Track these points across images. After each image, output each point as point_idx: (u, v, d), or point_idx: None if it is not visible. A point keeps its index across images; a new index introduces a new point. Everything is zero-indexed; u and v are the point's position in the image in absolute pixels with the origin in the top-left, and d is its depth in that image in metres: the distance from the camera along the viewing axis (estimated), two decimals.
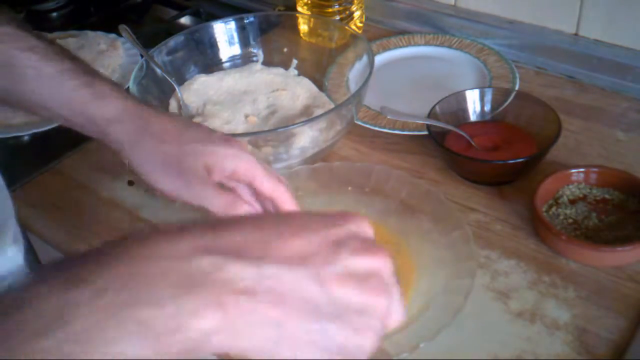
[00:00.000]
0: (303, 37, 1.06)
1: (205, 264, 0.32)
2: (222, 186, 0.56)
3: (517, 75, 0.89)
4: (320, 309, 0.33)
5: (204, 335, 0.31)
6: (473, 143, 0.75)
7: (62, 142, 0.89)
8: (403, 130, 0.81)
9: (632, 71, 0.86)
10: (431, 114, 0.77)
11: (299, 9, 1.03)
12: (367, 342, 0.34)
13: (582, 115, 0.84)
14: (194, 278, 0.31)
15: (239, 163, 0.55)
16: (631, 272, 0.63)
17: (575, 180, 0.70)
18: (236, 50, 0.94)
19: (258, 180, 0.55)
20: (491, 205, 0.72)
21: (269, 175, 0.56)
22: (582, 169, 0.70)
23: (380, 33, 1.05)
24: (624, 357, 0.55)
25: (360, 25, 1.05)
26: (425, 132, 0.76)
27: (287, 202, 0.56)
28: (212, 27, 0.93)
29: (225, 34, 0.93)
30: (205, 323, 0.31)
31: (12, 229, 0.70)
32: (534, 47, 0.93)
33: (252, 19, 0.93)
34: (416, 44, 1.00)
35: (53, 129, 0.90)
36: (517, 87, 0.86)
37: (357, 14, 1.03)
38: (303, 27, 0.99)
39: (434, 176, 0.77)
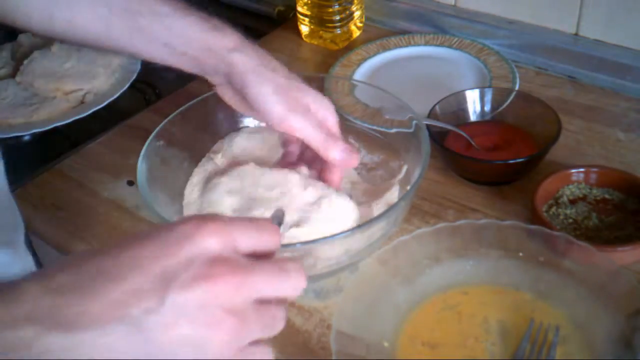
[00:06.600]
0: (304, 39, 1.06)
1: (27, 334, 0.31)
2: None
3: (517, 75, 0.89)
4: None
5: None
6: (473, 143, 0.75)
7: (62, 142, 0.89)
8: None
9: (632, 71, 0.86)
10: (431, 114, 0.77)
11: (299, 8, 1.03)
12: None
13: (582, 115, 0.84)
14: (16, 346, 0.31)
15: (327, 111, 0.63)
16: (631, 272, 0.63)
17: (575, 180, 0.70)
18: None
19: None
20: (491, 205, 0.72)
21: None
22: (582, 169, 0.70)
23: (380, 33, 1.04)
24: (625, 357, 0.55)
25: (360, 25, 1.05)
26: None
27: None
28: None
29: None
30: None
31: (23, 233, 0.70)
32: (534, 47, 0.93)
33: None
34: (416, 44, 1.00)
35: (53, 129, 0.90)
36: (517, 87, 0.86)
37: (357, 14, 1.03)
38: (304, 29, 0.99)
39: (434, 176, 0.77)
